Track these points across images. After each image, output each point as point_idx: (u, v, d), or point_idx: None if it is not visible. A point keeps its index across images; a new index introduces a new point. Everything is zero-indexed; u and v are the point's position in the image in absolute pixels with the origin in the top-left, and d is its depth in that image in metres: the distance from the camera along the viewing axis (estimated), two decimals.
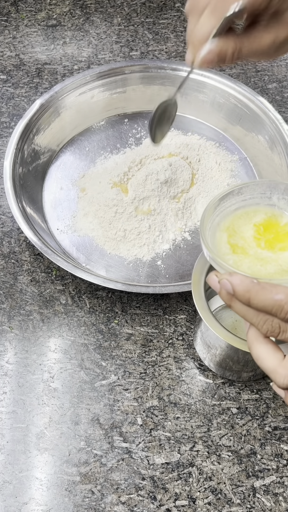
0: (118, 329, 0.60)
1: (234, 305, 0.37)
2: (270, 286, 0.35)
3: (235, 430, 0.54)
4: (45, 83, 0.80)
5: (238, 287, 0.35)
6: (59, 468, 0.52)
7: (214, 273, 0.38)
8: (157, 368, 0.58)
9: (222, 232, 0.41)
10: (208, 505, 0.51)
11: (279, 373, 0.36)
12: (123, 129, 0.75)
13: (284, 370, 0.36)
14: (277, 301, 0.34)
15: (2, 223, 0.67)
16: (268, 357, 0.37)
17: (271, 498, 0.51)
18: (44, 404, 0.55)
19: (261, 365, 0.38)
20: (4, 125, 0.76)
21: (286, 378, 0.36)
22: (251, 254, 0.40)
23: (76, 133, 0.75)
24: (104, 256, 0.64)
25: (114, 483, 0.51)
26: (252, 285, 0.35)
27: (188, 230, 0.66)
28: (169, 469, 0.52)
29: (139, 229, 0.64)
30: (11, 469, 0.52)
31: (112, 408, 0.55)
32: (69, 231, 0.66)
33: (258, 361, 0.38)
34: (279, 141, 0.67)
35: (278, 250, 0.40)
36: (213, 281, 0.37)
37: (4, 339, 0.59)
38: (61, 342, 0.59)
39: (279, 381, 0.36)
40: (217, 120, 0.75)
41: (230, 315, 0.60)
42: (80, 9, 0.90)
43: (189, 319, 0.61)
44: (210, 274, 0.38)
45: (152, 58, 0.84)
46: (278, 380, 0.36)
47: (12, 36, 0.86)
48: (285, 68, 0.84)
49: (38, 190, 0.68)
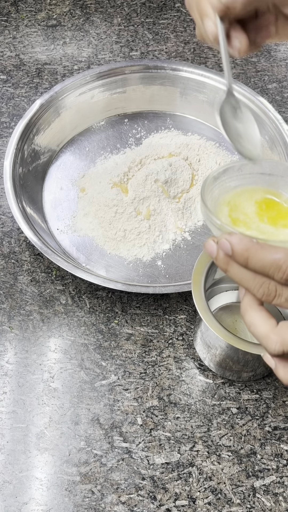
0: (118, 329, 0.60)
1: (231, 269, 0.36)
2: (269, 246, 0.35)
3: (235, 430, 0.54)
4: (45, 83, 0.80)
5: (236, 246, 0.35)
6: (59, 468, 0.52)
7: (211, 237, 0.37)
8: (157, 368, 0.58)
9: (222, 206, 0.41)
10: (208, 505, 0.51)
11: (271, 339, 0.36)
12: (123, 129, 0.75)
13: (276, 336, 0.36)
14: (275, 260, 0.34)
15: (2, 223, 0.67)
16: (261, 323, 0.37)
17: (271, 498, 0.51)
18: (44, 404, 0.55)
19: (254, 332, 0.37)
20: (4, 125, 0.76)
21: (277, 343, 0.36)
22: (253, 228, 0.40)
23: (76, 133, 0.75)
24: (104, 256, 0.64)
25: (114, 483, 0.51)
26: (251, 244, 0.35)
27: (188, 230, 0.66)
28: (169, 469, 0.52)
29: (139, 229, 0.64)
30: (11, 469, 0.52)
31: (112, 408, 0.55)
32: (69, 231, 0.66)
33: (251, 327, 0.37)
34: (279, 141, 0.67)
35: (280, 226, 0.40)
36: (210, 246, 0.37)
37: (4, 339, 0.59)
38: (61, 342, 0.59)
39: (271, 347, 0.36)
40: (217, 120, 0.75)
41: (230, 315, 0.60)
42: (80, 9, 0.90)
43: (189, 319, 0.61)
44: (207, 239, 0.37)
45: (152, 58, 0.84)
46: (270, 346, 0.36)
47: (12, 36, 0.86)
48: (285, 68, 0.84)
49: (38, 190, 0.69)
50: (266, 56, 0.85)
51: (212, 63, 0.84)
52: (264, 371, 0.55)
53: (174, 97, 0.76)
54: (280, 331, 0.36)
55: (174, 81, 0.74)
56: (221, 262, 0.37)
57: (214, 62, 0.84)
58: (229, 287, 0.61)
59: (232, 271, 0.37)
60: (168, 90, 0.75)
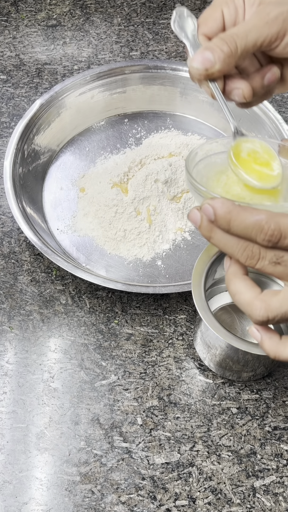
0: (118, 329, 0.60)
1: (214, 235, 0.36)
2: (251, 208, 0.35)
3: (235, 430, 0.54)
4: (45, 83, 0.80)
5: (219, 210, 0.35)
6: (59, 468, 0.52)
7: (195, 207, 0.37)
8: (157, 368, 0.58)
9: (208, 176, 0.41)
10: (208, 505, 0.51)
11: (255, 305, 0.36)
12: (123, 129, 0.75)
13: (260, 302, 0.36)
14: (257, 221, 0.34)
15: (2, 223, 0.67)
16: (245, 291, 0.37)
17: (271, 498, 0.51)
18: (44, 404, 0.55)
19: (238, 300, 0.37)
20: (4, 125, 0.76)
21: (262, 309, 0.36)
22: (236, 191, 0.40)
23: (76, 133, 0.75)
24: (104, 256, 0.64)
25: (114, 483, 0.51)
26: (233, 206, 0.35)
27: (188, 230, 0.66)
28: (169, 469, 0.52)
29: (139, 229, 0.64)
30: (11, 469, 0.52)
31: (112, 408, 0.55)
32: (69, 231, 0.66)
33: (235, 296, 0.37)
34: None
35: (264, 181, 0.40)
36: (194, 214, 0.37)
37: (4, 339, 0.59)
38: (61, 342, 0.59)
39: (255, 313, 0.36)
40: (217, 120, 0.75)
41: (230, 315, 0.60)
42: (80, 9, 0.90)
43: (189, 319, 0.61)
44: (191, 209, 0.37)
45: (152, 58, 0.84)
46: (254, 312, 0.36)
47: (12, 36, 0.86)
48: None
49: (38, 190, 0.69)
50: None
51: None
52: (264, 371, 0.55)
53: (174, 97, 0.76)
54: (264, 297, 0.36)
55: (174, 81, 0.74)
56: (204, 230, 0.37)
57: None
58: None
59: (215, 237, 0.36)
60: (168, 90, 0.75)
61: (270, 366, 0.55)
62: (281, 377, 0.57)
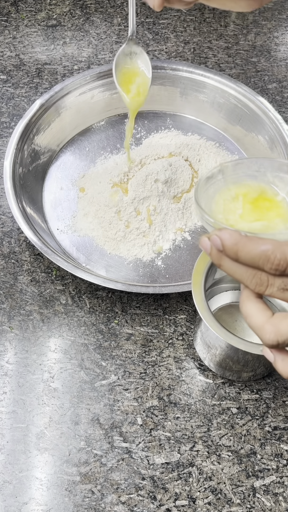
0: (118, 329, 0.60)
1: (224, 263, 0.37)
2: (257, 239, 0.35)
3: (235, 430, 0.54)
4: (45, 83, 0.80)
5: (226, 241, 0.36)
6: (59, 468, 0.52)
7: (205, 235, 0.38)
8: (157, 368, 0.58)
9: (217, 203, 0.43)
10: (208, 505, 0.51)
11: (266, 329, 0.36)
12: (123, 129, 0.75)
13: (270, 326, 0.36)
14: (263, 251, 0.35)
15: (2, 223, 0.67)
16: (256, 314, 0.37)
17: (271, 498, 0.51)
18: (44, 404, 0.55)
19: (250, 323, 0.38)
20: (4, 125, 0.76)
21: (272, 333, 0.36)
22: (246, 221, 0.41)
23: (76, 133, 0.75)
24: (104, 256, 0.64)
25: (114, 483, 0.51)
26: (240, 237, 0.36)
27: (188, 230, 0.66)
28: (169, 469, 0.52)
29: (139, 229, 0.64)
30: (11, 469, 0.52)
31: (112, 408, 0.55)
32: (69, 231, 0.66)
33: (247, 319, 0.38)
34: (279, 141, 0.67)
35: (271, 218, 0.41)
36: (204, 243, 0.38)
37: (4, 339, 0.59)
38: (61, 342, 0.59)
39: (265, 337, 0.36)
40: (217, 120, 0.75)
41: (230, 315, 0.60)
42: (80, 9, 0.90)
43: (189, 319, 0.61)
44: (201, 237, 0.38)
45: (152, 58, 0.84)
46: (264, 336, 0.36)
47: (12, 36, 0.86)
48: (285, 68, 0.84)
49: (38, 190, 0.69)
50: (266, 56, 0.85)
51: (212, 63, 0.84)
52: (264, 371, 0.55)
53: (174, 97, 0.76)
54: (274, 321, 0.36)
55: (174, 81, 0.74)
56: (214, 257, 0.38)
57: (214, 62, 0.84)
58: (229, 287, 0.61)
59: (225, 266, 0.37)
60: (168, 90, 0.75)
61: (270, 366, 0.55)
62: (281, 377, 0.57)
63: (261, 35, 0.88)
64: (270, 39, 0.88)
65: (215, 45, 0.87)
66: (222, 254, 0.37)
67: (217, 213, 0.41)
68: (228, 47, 0.86)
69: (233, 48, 0.86)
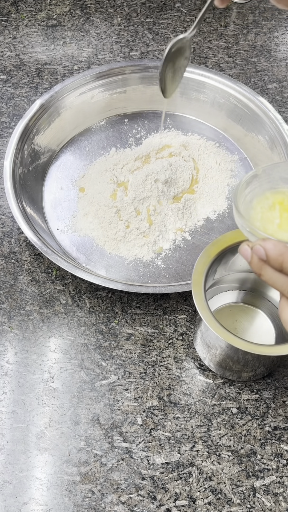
0: (118, 329, 0.60)
1: (265, 273, 0.38)
2: None
3: (235, 430, 0.54)
4: (45, 83, 0.80)
5: (271, 251, 0.36)
6: (59, 468, 0.52)
7: (246, 243, 0.39)
8: (157, 368, 0.58)
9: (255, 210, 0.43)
10: (208, 505, 0.51)
11: None
12: (123, 129, 0.75)
13: None
14: None
15: (2, 223, 0.67)
16: None
17: (271, 498, 0.51)
18: (44, 404, 0.55)
19: None
20: (4, 125, 0.76)
21: None
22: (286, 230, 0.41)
23: (76, 133, 0.75)
24: (104, 256, 0.64)
25: (114, 483, 0.51)
26: (286, 249, 0.36)
27: (188, 230, 0.66)
28: (169, 469, 0.52)
29: (139, 229, 0.64)
30: (11, 469, 0.52)
31: (112, 408, 0.55)
32: (69, 231, 0.66)
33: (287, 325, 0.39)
34: (279, 141, 0.67)
35: None
36: (245, 251, 0.38)
37: (4, 339, 0.59)
38: (61, 342, 0.59)
39: None
40: (217, 120, 0.75)
41: (230, 315, 0.60)
42: (80, 9, 0.90)
43: (189, 319, 0.61)
44: (242, 244, 0.39)
45: (152, 58, 0.84)
46: None
47: (12, 36, 0.86)
48: (285, 68, 0.84)
49: (38, 190, 0.69)
50: (266, 56, 0.85)
51: (212, 63, 0.84)
52: (264, 371, 0.55)
53: (174, 97, 0.76)
54: None
55: None
56: (255, 266, 0.38)
57: (214, 62, 0.84)
58: (229, 287, 0.61)
59: (266, 275, 0.38)
60: None
61: (270, 366, 0.55)
62: (281, 377, 0.57)
63: (261, 35, 0.88)
64: (270, 39, 0.88)
65: (215, 45, 0.87)
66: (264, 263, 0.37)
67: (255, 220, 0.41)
68: (228, 47, 0.86)
69: (233, 48, 0.86)
